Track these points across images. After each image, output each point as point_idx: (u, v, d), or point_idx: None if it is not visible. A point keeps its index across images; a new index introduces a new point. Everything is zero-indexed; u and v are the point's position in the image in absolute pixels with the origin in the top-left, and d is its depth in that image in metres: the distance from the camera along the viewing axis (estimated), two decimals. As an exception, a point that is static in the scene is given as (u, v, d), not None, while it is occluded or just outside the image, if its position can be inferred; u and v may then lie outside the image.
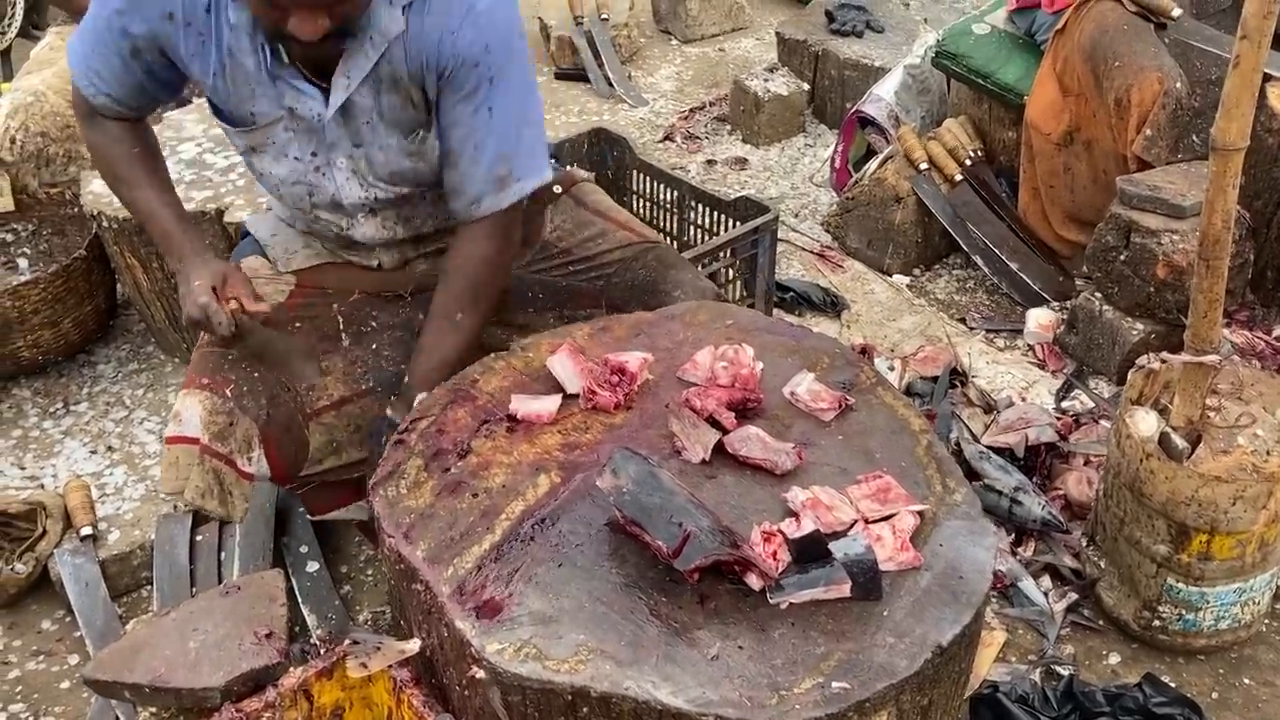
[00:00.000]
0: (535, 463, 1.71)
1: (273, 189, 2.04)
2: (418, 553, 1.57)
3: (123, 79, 1.89)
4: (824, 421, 1.78)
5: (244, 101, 1.88)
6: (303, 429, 1.98)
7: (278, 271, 2.10)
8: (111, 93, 1.91)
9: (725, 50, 5.03)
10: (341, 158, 1.92)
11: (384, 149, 1.92)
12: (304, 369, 1.98)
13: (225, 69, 1.84)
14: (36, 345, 2.88)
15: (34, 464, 2.73)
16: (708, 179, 3.97)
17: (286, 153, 1.93)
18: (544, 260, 2.20)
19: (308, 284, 2.09)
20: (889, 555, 1.51)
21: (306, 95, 1.85)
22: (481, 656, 1.43)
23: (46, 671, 2.26)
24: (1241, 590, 2.12)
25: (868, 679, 1.38)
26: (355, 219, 2.01)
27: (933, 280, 3.45)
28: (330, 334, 2.04)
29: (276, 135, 1.91)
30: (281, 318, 2.01)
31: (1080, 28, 3.07)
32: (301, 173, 1.94)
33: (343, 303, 2.07)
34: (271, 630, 1.81)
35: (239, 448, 1.90)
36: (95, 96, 1.92)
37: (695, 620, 1.46)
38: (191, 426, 1.89)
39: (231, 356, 1.95)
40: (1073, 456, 2.58)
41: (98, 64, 1.88)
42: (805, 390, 1.80)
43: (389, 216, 2.03)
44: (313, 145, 1.91)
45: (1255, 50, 1.73)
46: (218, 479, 1.90)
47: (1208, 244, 1.91)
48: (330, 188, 1.96)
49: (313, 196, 1.98)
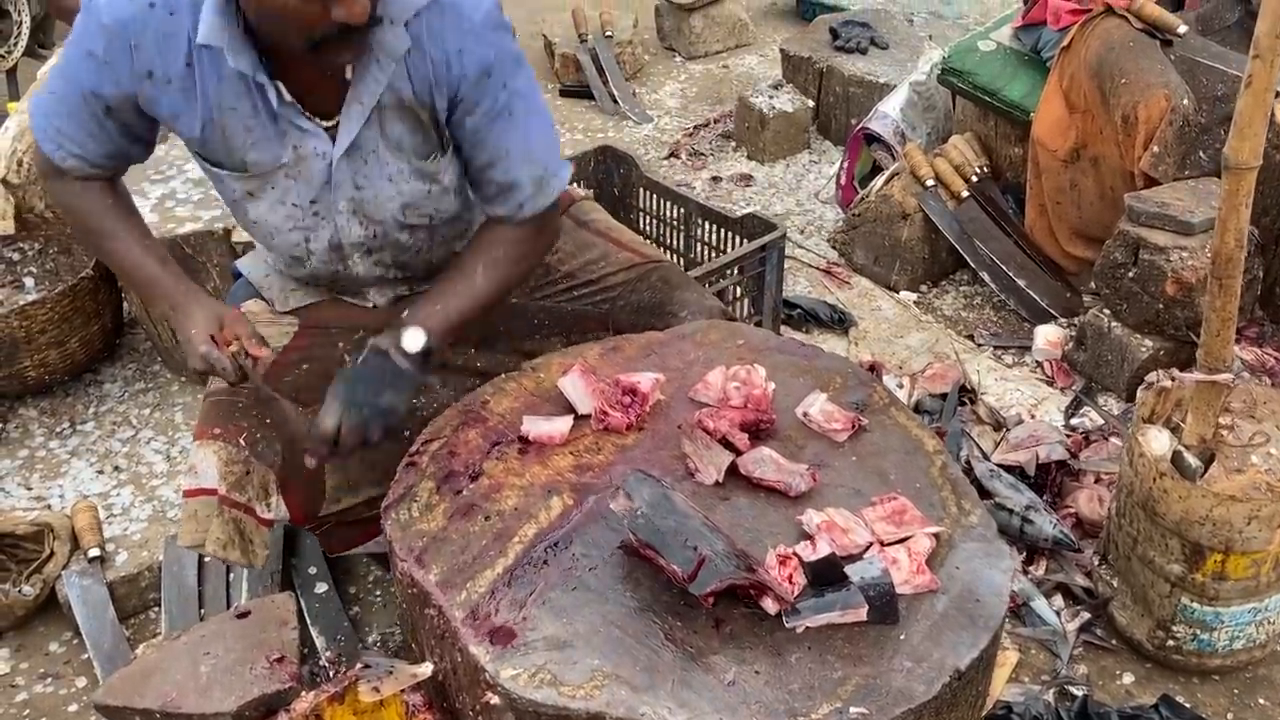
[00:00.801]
0: (547, 485, 1.70)
1: (264, 237, 1.97)
2: (430, 577, 1.56)
3: (96, 139, 1.81)
4: (837, 442, 1.77)
5: (237, 151, 1.80)
6: (318, 471, 1.96)
7: (277, 313, 2.06)
8: (83, 154, 1.83)
9: (729, 67, 5.05)
10: (343, 202, 1.87)
11: (393, 178, 1.86)
12: (300, 430, 1.91)
13: (214, 121, 1.77)
14: (43, 365, 2.88)
15: (41, 485, 2.72)
16: (713, 196, 3.97)
17: (284, 200, 1.87)
18: (548, 285, 2.18)
19: (310, 323, 2.05)
20: (905, 579, 1.50)
21: (311, 135, 1.79)
22: (496, 682, 1.42)
23: (54, 694, 2.24)
24: (1256, 610, 2.11)
25: (885, 704, 1.37)
26: (351, 259, 1.97)
27: (940, 297, 3.45)
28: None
29: (276, 181, 1.85)
30: (284, 365, 1.97)
31: (1086, 45, 3.07)
32: (299, 218, 1.89)
33: (347, 340, 2.04)
34: (283, 655, 1.80)
35: (256, 495, 1.88)
36: (65, 160, 1.83)
37: (711, 645, 1.45)
38: (208, 478, 1.86)
39: (242, 404, 1.91)
40: (1083, 474, 2.57)
41: (66, 126, 1.80)
42: (818, 411, 1.80)
43: (384, 258, 1.98)
44: (313, 191, 1.85)
45: (1268, 69, 1.73)
46: (238, 529, 1.87)
47: (1220, 262, 1.90)
48: (328, 231, 1.91)
49: (309, 242, 1.92)
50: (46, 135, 1.82)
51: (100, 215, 1.88)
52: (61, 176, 1.87)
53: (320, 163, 1.82)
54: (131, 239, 1.88)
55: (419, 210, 1.93)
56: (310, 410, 1.93)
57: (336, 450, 1.76)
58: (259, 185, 1.85)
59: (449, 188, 1.94)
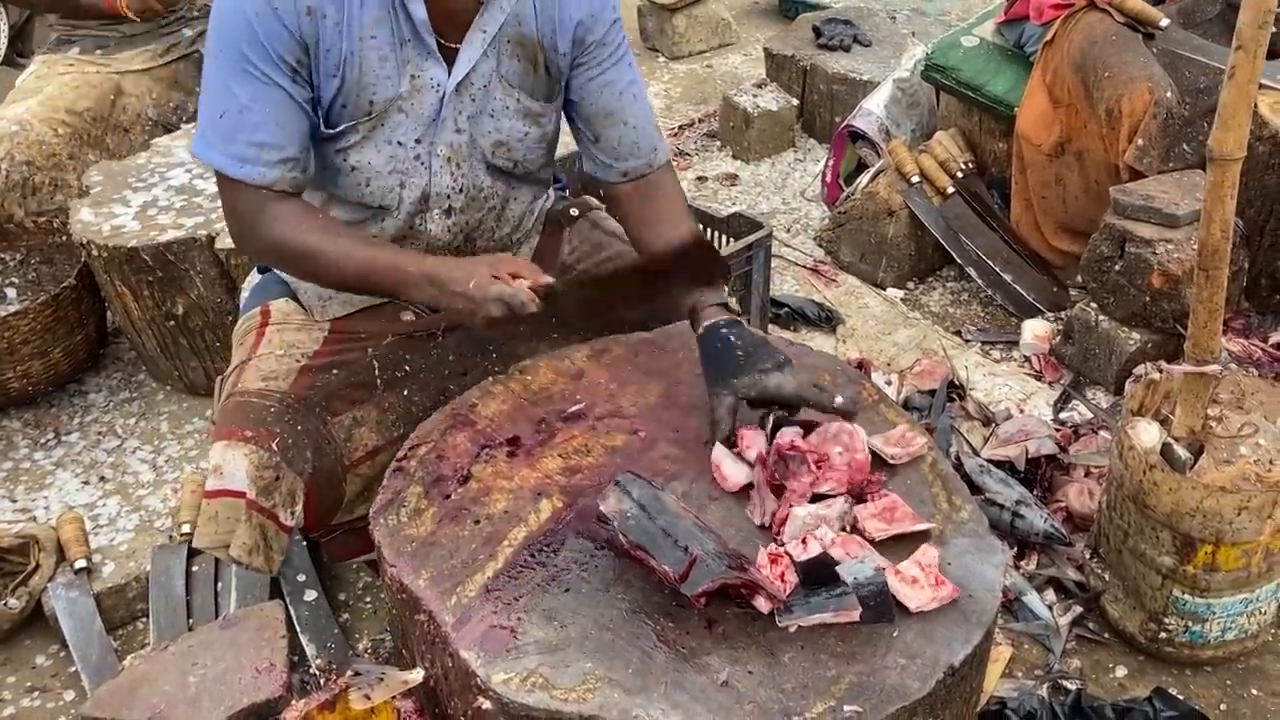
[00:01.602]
0: (536, 488, 1.69)
1: (356, 187, 1.90)
2: (420, 582, 1.55)
3: (286, 125, 1.77)
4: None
5: (368, 89, 1.80)
6: (341, 481, 1.94)
7: (312, 319, 2.03)
8: (284, 152, 1.78)
9: (713, 66, 5.04)
10: (442, 145, 1.89)
11: (495, 114, 1.89)
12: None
13: (355, 56, 1.77)
14: (26, 376, 2.86)
15: (25, 496, 2.70)
16: (699, 195, 3.96)
17: (392, 139, 1.86)
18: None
19: (340, 330, 2.02)
20: (931, 596, 1.47)
21: (432, 62, 1.81)
22: (488, 687, 1.40)
23: (42, 708, 2.22)
24: (1248, 601, 2.11)
25: (880, 702, 1.37)
26: (430, 216, 1.95)
27: (927, 293, 3.45)
28: (365, 382, 1.99)
29: (389, 118, 1.84)
30: (314, 370, 1.95)
31: (1069, 39, 3.08)
32: (401, 159, 1.88)
33: (376, 348, 2.02)
34: (273, 663, 1.78)
35: (283, 502, 1.83)
36: (267, 173, 1.77)
37: (703, 645, 1.44)
38: (236, 480, 1.79)
39: (274, 408, 1.86)
40: (1073, 468, 2.57)
41: (256, 133, 1.75)
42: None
43: (459, 221, 1.98)
44: (420, 128, 1.86)
45: (1251, 60, 1.73)
46: (263, 534, 1.83)
47: (1207, 254, 1.90)
48: (423, 178, 1.91)
49: (403, 188, 1.91)
50: (236, 162, 1.77)
51: (320, 232, 1.81)
52: (265, 210, 1.80)
53: (433, 95, 1.84)
54: (351, 244, 1.82)
55: (509, 152, 1.95)
56: (336, 418, 1.93)
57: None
58: (372, 125, 1.85)
59: (545, 136, 1.99)
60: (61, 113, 3.23)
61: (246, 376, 1.92)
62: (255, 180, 1.78)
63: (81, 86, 3.31)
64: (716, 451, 1.69)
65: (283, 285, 2.09)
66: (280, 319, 2.01)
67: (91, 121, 3.30)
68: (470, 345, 2.07)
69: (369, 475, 1.97)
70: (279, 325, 2.01)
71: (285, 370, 1.93)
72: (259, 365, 1.94)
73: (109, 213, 2.85)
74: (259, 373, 1.93)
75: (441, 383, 2.04)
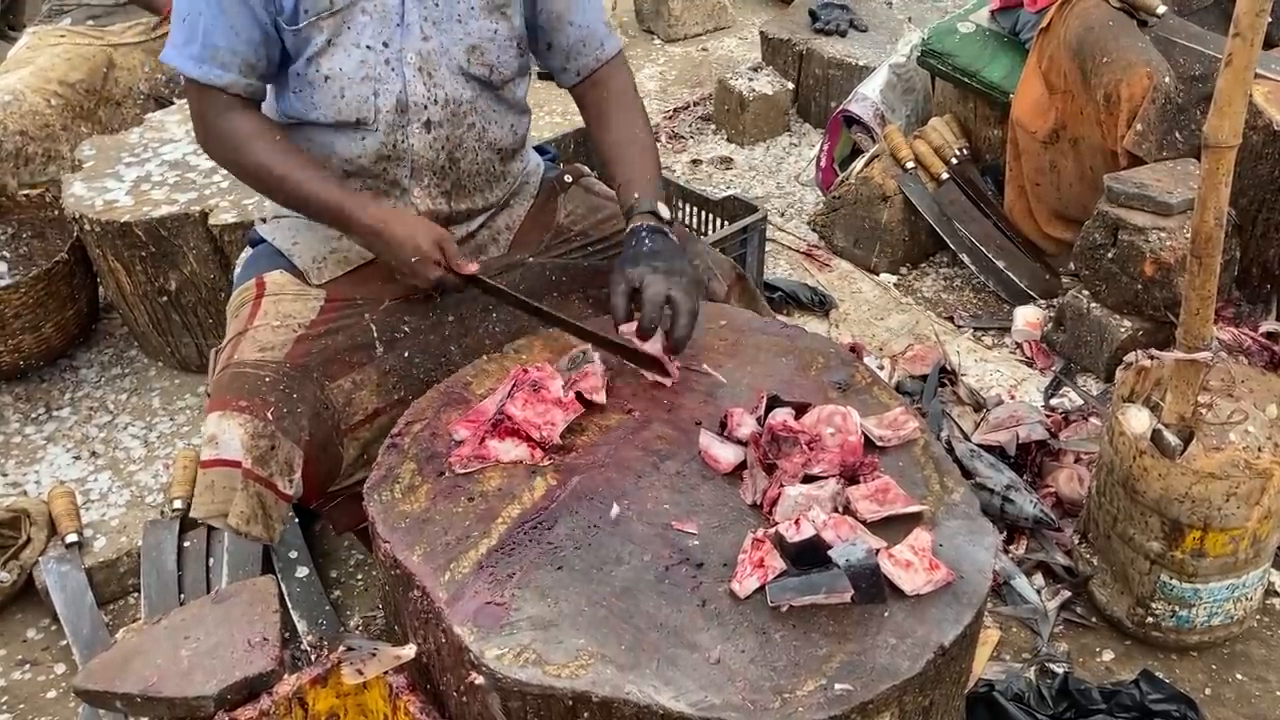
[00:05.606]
0: (530, 465, 1.69)
1: (333, 97, 1.93)
2: (414, 558, 1.55)
3: (242, 30, 1.82)
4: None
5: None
6: (338, 446, 1.94)
7: (306, 285, 2.04)
8: (237, 52, 1.84)
9: (708, 50, 5.03)
10: (411, 52, 1.91)
11: (462, 18, 1.93)
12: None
13: None
14: (17, 350, 2.85)
15: (16, 471, 2.70)
16: (693, 179, 3.96)
17: (359, 42, 1.89)
18: (562, 244, 2.19)
19: (337, 297, 2.03)
20: (926, 579, 1.48)
21: None
22: (481, 662, 1.41)
23: (32, 681, 2.23)
24: (1234, 586, 2.13)
25: (870, 680, 1.38)
26: (411, 128, 1.97)
27: (920, 279, 3.46)
28: (364, 344, 1.99)
29: (353, 19, 1.87)
30: (311, 337, 1.98)
31: (1065, 25, 3.08)
32: (372, 64, 1.90)
33: (374, 311, 2.02)
34: (265, 637, 1.78)
35: (280, 470, 1.84)
36: (221, 76, 1.85)
37: (695, 623, 1.45)
38: (231, 450, 1.80)
39: (269, 378, 1.87)
40: (1063, 454, 2.59)
41: (213, 34, 1.82)
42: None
43: (440, 135, 1.99)
44: (387, 31, 1.89)
45: (1247, 48, 1.73)
46: (260, 503, 1.83)
47: (1200, 241, 1.91)
48: (397, 84, 1.92)
49: (377, 97, 1.92)
50: (196, 62, 1.85)
51: (280, 154, 1.89)
52: (221, 116, 1.88)
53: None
54: (308, 171, 1.90)
55: (483, 57, 1.97)
56: (335, 383, 1.93)
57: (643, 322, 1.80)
58: (338, 25, 1.88)
59: (514, 32, 2.00)
60: (54, 84, 3.22)
61: (242, 348, 1.92)
62: (212, 81, 1.86)
63: (74, 58, 3.29)
64: (703, 437, 1.70)
65: (278, 257, 2.09)
66: (276, 290, 2.01)
67: (84, 94, 3.29)
68: (470, 306, 2.08)
69: (367, 439, 1.98)
70: (274, 297, 2.00)
71: (281, 341, 1.93)
72: (255, 336, 1.94)
73: (102, 187, 2.84)
74: (255, 344, 1.92)
75: (443, 343, 2.03)
